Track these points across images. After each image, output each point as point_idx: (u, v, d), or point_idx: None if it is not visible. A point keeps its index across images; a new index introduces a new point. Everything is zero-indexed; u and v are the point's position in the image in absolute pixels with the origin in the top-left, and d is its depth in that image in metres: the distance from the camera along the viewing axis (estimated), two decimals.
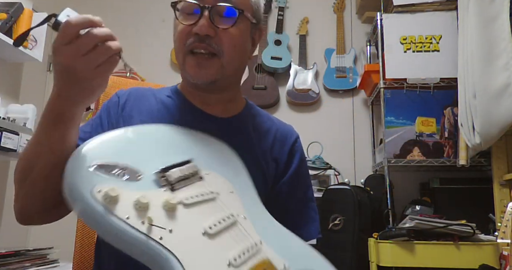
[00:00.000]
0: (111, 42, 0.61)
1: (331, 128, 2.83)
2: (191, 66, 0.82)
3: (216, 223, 0.62)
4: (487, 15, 1.71)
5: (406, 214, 2.06)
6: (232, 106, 0.93)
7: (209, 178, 0.69)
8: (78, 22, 0.59)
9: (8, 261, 1.71)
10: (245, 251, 0.60)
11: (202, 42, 0.80)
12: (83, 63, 0.59)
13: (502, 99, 1.62)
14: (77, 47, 0.59)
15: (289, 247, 0.72)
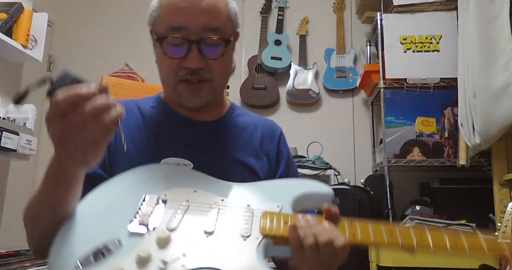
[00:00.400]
0: (106, 114, 0.57)
1: (331, 128, 2.83)
2: (184, 94, 0.85)
3: (213, 221, 0.68)
4: (487, 15, 1.71)
5: (406, 214, 2.05)
6: (218, 111, 0.96)
7: (170, 195, 0.72)
8: (66, 100, 0.55)
9: (8, 261, 1.71)
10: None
11: (193, 74, 0.83)
12: (73, 138, 0.57)
13: (502, 99, 1.62)
14: (67, 124, 0.56)
15: (271, 191, 0.78)
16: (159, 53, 0.85)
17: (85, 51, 3.11)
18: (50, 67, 3.12)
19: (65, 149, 0.58)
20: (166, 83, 0.88)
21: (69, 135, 0.56)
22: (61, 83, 0.58)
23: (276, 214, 0.70)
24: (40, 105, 2.93)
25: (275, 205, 0.73)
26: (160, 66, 0.87)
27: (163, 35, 0.82)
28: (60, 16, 3.10)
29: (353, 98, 2.88)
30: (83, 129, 0.56)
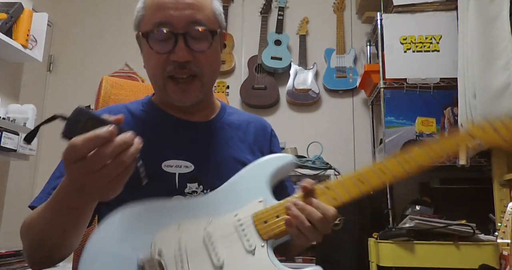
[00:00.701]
0: (125, 154, 0.56)
1: (331, 128, 2.83)
2: (174, 92, 0.84)
3: (215, 254, 0.68)
4: (487, 15, 1.71)
5: (406, 214, 2.05)
6: (209, 111, 0.95)
7: (161, 246, 0.67)
8: (84, 146, 0.55)
9: (8, 261, 1.71)
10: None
11: (182, 69, 0.82)
12: (93, 180, 0.56)
13: (502, 99, 1.62)
14: (85, 167, 0.55)
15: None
16: (146, 50, 0.85)
17: (85, 51, 3.11)
18: (50, 67, 3.12)
19: (83, 188, 0.58)
20: (155, 82, 0.86)
21: (88, 176, 0.56)
22: (75, 121, 0.56)
23: (265, 211, 0.71)
24: (40, 105, 2.93)
25: (257, 201, 0.73)
26: (148, 64, 0.86)
27: (149, 31, 0.82)
28: (60, 16, 3.10)
29: (353, 98, 2.88)
30: (103, 170, 0.56)
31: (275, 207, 0.71)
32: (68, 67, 3.13)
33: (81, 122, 0.56)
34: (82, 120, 0.56)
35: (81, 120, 0.56)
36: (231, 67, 2.98)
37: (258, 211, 0.71)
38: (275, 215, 0.70)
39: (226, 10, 3.08)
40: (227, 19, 3.06)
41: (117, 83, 1.13)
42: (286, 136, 2.47)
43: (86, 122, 0.56)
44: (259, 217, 0.70)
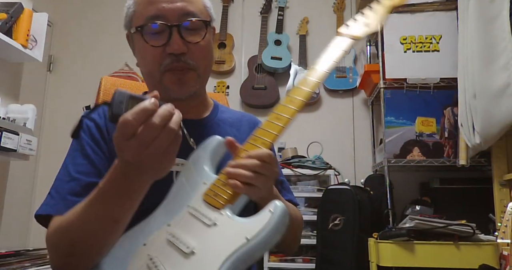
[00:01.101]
0: (172, 122, 0.60)
1: (331, 128, 2.83)
2: (172, 83, 0.84)
3: (183, 242, 0.69)
4: (487, 15, 1.71)
5: (406, 214, 2.05)
6: (204, 109, 0.96)
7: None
8: (135, 119, 0.57)
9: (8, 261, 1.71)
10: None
11: (179, 61, 0.82)
12: (149, 154, 0.59)
13: (502, 99, 1.62)
14: (139, 142, 0.58)
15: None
16: (141, 46, 0.84)
17: (85, 51, 3.11)
18: (50, 67, 3.12)
19: (141, 165, 0.61)
20: (151, 77, 0.86)
21: (144, 150, 0.59)
22: (119, 102, 0.60)
23: (210, 188, 0.72)
24: (40, 105, 2.93)
25: (201, 184, 0.74)
26: (143, 60, 0.86)
27: (143, 25, 0.82)
28: (60, 16, 3.10)
29: (353, 98, 2.88)
30: (156, 141, 0.59)
31: (217, 180, 0.73)
32: (68, 67, 3.13)
33: (124, 103, 0.60)
34: (124, 101, 0.60)
35: (123, 101, 0.60)
36: (231, 67, 2.99)
37: (205, 191, 0.73)
38: (220, 185, 0.71)
39: (226, 10, 3.08)
40: (227, 19, 3.06)
41: (117, 83, 1.13)
42: (286, 135, 2.46)
43: (128, 102, 0.60)
44: (208, 195, 0.71)
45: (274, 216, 0.63)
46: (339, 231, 2.07)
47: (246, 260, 0.62)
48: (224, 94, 2.89)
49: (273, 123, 0.75)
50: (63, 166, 0.82)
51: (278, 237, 0.63)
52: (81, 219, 0.68)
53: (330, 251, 2.09)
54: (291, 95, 0.79)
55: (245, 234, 0.63)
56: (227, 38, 3.02)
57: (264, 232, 0.62)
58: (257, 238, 0.62)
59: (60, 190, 0.78)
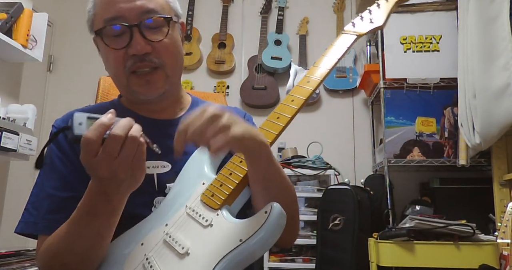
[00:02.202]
0: (133, 130, 0.61)
1: (331, 128, 2.83)
2: (138, 85, 0.81)
3: (176, 243, 0.70)
4: (487, 15, 1.71)
5: (406, 214, 2.05)
6: (180, 107, 0.92)
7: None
8: (95, 134, 0.58)
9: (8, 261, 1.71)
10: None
11: (142, 61, 0.79)
12: (119, 166, 0.60)
13: (502, 99, 1.62)
14: (106, 155, 0.59)
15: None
16: (103, 50, 0.82)
17: (85, 51, 3.10)
18: (50, 67, 3.12)
19: (116, 178, 0.61)
20: (117, 81, 0.84)
21: (113, 163, 0.59)
22: (78, 125, 0.61)
23: (208, 188, 0.72)
24: (40, 105, 2.93)
25: (201, 185, 0.74)
26: (108, 64, 0.83)
27: (102, 28, 0.80)
28: (60, 16, 3.10)
29: (353, 98, 2.88)
30: (122, 151, 0.59)
31: (215, 180, 0.72)
32: (68, 67, 3.13)
33: (83, 124, 0.61)
34: (83, 122, 0.61)
35: (82, 123, 0.61)
36: (231, 67, 2.99)
37: (203, 191, 0.72)
38: (218, 185, 0.71)
39: (226, 10, 3.08)
40: (227, 19, 3.06)
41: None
42: (286, 135, 2.46)
43: (86, 122, 0.61)
44: (205, 195, 0.71)
45: (270, 217, 0.62)
46: (339, 231, 2.07)
47: (241, 262, 0.62)
48: (224, 94, 2.89)
49: (272, 123, 0.73)
50: (38, 179, 0.81)
51: (274, 239, 0.62)
52: (68, 241, 0.69)
53: (330, 251, 2.09)
54: (292, 94, 0.77)
55: (239, 236, 0.62)
56: (227, 38, 3.02)
57: (259, 235, 0.61)
58: (251, 240, 0.61)
59: (38, 207, 0.77)
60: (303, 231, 2.42)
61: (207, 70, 3.06)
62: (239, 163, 0.72)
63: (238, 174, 0.70)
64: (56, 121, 0.87)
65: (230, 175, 0.71)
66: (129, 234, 0.74)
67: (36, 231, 0.76)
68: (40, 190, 0.79)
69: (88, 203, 0.65)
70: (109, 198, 0.64)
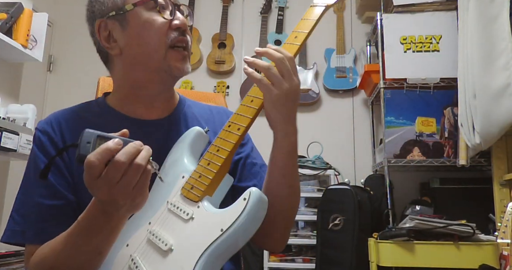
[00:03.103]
0: (139, 158, 0.59)
1: (331, 128, 2.83)
2: (176, 60, 0.82)
3: (161, 240, 0.70)
4: (487, 15, 1.71)
5: (406, 214, 2.05)
6: (172, 102, 0.92)
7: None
8: (98, 159, 0.58)
9: (8, 261, 1.72)
10: None
11: (184, 36, 0.82)
12: (119, 191, 0.59)
13: (502, 99, 1.62)
14: (106, 181, 0.58)
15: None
16: (144, 20, 0.80)
17: (85, 51, 3.10)
18: (50, 67, 3.12)
19: (115, 203, 0.60)
20: (153, 55, 0.81)
21: (113, 188, 0.59)
22: (86, 143, 0.60)
23: (188, 181, 0.71)
24: (40, 105, 2.93)
25: (180, 178, 0.73)
26: (146, 36, 0.80)
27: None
28: (60, 16, 3.10)
29: (353, 98, 2.88)
30: (124, 178, 0.59)
31: (194, 172, 0.71)
32: (68, 67, 3.13)
33: (91, 143, 0.60)
34: (91, 141, 0.60)
35: (91, 141, 0.60)
36: (231, 67, 2.98)
37: (183, 185, 0.72)
38: (197, 177, 0.70)
39: (226, 10, 3.08)
40: (227, 19, 3.06)
41: None
42: None
43: (95, 141, 0.60)
44: (185, 188, 0.71)
45: (249, 204, 0.61)
46: (339, 231, 2.07)
47: (225, 252, 0.61)
48: (224, 95, 2.89)
49: (247, 107, 0.73)
50: (23, 185, 0.80)
51: (255, 225, 0.61)
52: (65, 255, 0.68)
53: (330, 251, 2.09)
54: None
55: (220, 225, 0.61)
56: (227, 38, 3.02)
57: (239, 222, 0.60)
58: (232, 229, 0.60)
59: (25, 214, 0.76)
60: (303, 231, 2.42)
61: (207, 70, 3.06)
62: (216, 152, 0.71)
63: (216, 163, 0.69)
64: (40, 123, 0.85)
65: (208, 165, 0.70)
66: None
67: (24, 240, 0.75)
68: (27, 197, 0.78)
69: (88, 219, 0.65)
70: (108, 218, 0.64)
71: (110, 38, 0.85)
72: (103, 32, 0.86)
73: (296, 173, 0.77)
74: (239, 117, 0.73)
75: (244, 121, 0.71)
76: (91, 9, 0.91)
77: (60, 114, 0.86)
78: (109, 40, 0.85)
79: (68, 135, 0.82)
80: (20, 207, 0.78)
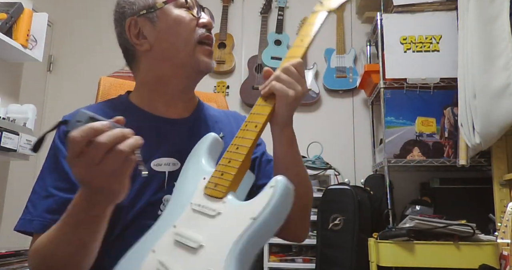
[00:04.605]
0: (122, 144, 0.58)
1: (331, 128, 2.83)
2: (204, 55, 0.88)
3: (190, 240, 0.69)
4: (487, 15, 1.71)
5: (406, 214, 2.06)
6: (191, 104, 0.96)
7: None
8: (82, 136, 0.57)
9: (8, 261, 1.72)
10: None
11: (210, 33, 0.89)
12: (96, 174, 0.58)
13: (502, 99, 1.62)
14: (86, 160, 0.57)
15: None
16: (174, 17, 0.87)
17: (85, 51, 3.11)
18: (50, 67, 3.12)
19: (90, 184, 0.60)
20: (183, 49, 0.86)
21: (91, 169, 0.58)
22: (76, 122, 0.59)
23: (210, 180, 0.71)
24: (40, 105, 2.93)
25: (201, 179, 0.74)
26: (176, 32, 0.86)
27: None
28: (60, 16, 3.10)
29: (353, 98, 2.88)
30: (103, 161, 0.57)
31: (215, 172, 0.72)
32: (68, 67, 3.13)
33: (82, 122, 0.59)
34: (82, 120, 0.59)
35: (82, 121, 0.59)
36: (231, 67, 2.99)
37: (205, 185, 0.72)
38: (219, 175, 0.71)
39: (226, 10, 3.08)
40: (227, 19, 3.06)
41: (116, 83, 1.13)
42: None
43: (87, 122, 0.59)
44: (209, 187, 0.71)
45: (276, 190, 0.61)
46: (339, 231, 2.07)
47: (256, 241, 0.61)
48: (224, 95, 2.89)
49: (262, 106, 0.78)
50: (40, 176, 0.81)
51: (285, 211, 0.61)
52: (54, 244, 0.69)
53: (330, 251, 2.09)
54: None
55: (250, 215, 0.61)
56: (227, 38, 3.02)
57: (269, 208, 0.60)
58: (262, 216, 0.60)
59: (37, 205, 0.78)
60: None
61: None
62: (236, 150, 0.72)
63: (237, 159, 0.70)
64: (64, 117, 0.85)
65: (229, 163, 0.71)
66: (139, 245, 0.72)
67: (30, 229, 0.76)
68: (41, 188, 0.79)
69: (73, 207, 0.65)
70: (90, 206, 0.63)
71: (139, 35, 0.89)
72: (133, 30, 0.90)
73: (300, 161, 0.81)
74: (255, 116, 0.77)
75: (260, 119, 0.75)
76: (120, 11, 0.96)
77: (88, 108, 0.87)
78: (139, 37, 0.89)
79: None
80: (34, 197, 0.79)
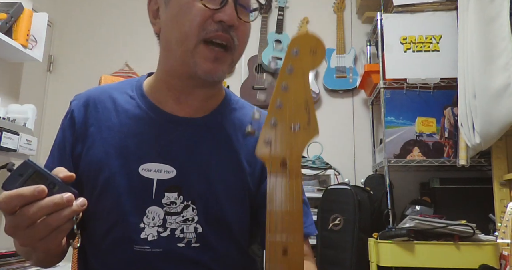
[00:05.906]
0: (53, 216, 0.54)
1: (331, 128, 2.82)
2: (205, 59, 0.70)
3: None
4: (487, 15, 1.71)
5: (406, 214, 2.05)
6: (211, 102, 0.81)
7: None
8: (5, 203, 0.53)
9: (8, 261, 1.72)
10: None
11: (226, 33, 0.70)
12: (23, 236, 0.55)
13: (502, 99, 1.62)
14: (14, 222, 0.54)
15: None
16: (181, 4, 0.70)
17: (85, 51, 3.11)
18: (50, 67, 3.12)
19: (19, 239, 0.57)
20: (181, 44, 0.71)
21: (18, 231, 0.55)
22: (17, 175, 0.54)
23: None
24: (40, 105, 2.93)
25: None
26: (181, 18, 0.70)
27: None
28: (60, 16, 3.10)
29: (353, 98, 2.88)
30: (30, 228, 0.54)
31: None
32: (68, 67, 3.13)
33: (23, 176, 0.54)
34: (24, 174, 0.54)
35: (24, 174, 0.54)
36: None
37: None
38: None
39: None
40: None
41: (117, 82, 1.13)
42: None
43: (28, 177, 0.54)
44: None
45: None
46: (339, 231, 2.07)
47: None
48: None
49: None
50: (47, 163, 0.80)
51: None
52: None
53: (330, 251, 2.08)
54: None
55: None
56: None
57: None
58: None
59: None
60: None
61: None
62: None
63: None
64: (75, 98, 0.81)
65: None
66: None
67: None
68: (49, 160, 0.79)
69: None
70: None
71: (156, 14, 0.77)
72: (153, 5, 0.78)
73: None
74: None
75: None
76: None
77: (94, 92, 0.80)
78: (156, 16, 0.77)
79: (93, 119, 0.77)
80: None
